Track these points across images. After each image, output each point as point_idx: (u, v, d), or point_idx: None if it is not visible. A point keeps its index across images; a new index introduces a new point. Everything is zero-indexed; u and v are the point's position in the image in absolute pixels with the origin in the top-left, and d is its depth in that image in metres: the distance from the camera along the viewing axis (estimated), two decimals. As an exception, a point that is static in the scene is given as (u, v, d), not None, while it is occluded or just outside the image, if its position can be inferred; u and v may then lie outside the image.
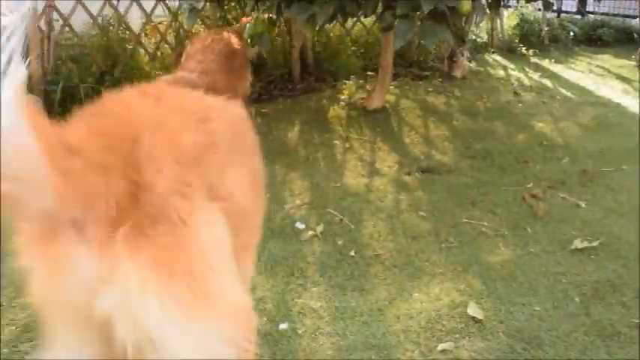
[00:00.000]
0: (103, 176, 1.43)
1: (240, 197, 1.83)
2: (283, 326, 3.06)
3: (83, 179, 1.40)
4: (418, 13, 4.53)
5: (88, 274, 1.41)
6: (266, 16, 5.71)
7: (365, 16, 5.86)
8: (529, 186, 4.62)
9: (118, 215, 1.43)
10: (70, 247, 1.42)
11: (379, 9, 5.04)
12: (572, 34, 10.48)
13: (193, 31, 6.88)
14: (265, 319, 3.10)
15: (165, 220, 1.46)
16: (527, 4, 9.38)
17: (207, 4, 6.15)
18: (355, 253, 3.70)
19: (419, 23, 4.55)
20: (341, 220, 4.08)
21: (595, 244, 3.80)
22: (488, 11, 5.75)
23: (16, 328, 3.05)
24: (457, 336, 3.00)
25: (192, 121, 1.77)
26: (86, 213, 1.42)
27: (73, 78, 5.91)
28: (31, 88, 5.75)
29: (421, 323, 3.08)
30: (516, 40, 9.91)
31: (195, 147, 1.65)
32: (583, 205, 4.35)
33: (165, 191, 1.49)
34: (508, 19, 10.13)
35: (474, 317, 3.11)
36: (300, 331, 3.03)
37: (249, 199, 1.95)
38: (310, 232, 3.88)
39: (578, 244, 3.79)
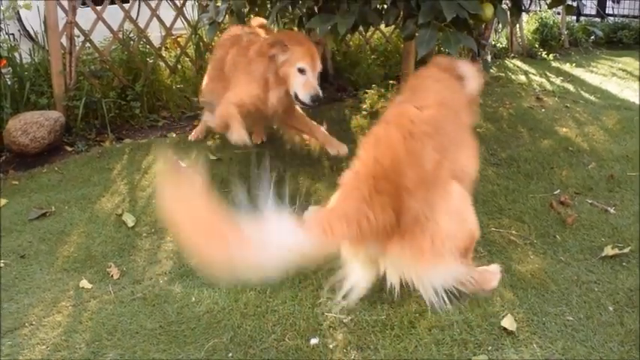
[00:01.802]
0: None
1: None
2: (314, 341, 3.04)
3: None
4: (439, 20, 4.49)
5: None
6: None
7: (386, 25, 5.83)
8: (556, 192, 4.58)
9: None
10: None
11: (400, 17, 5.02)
12: (593, 37, 10.40)
13: (213, 43, 6.90)
14: (296, 333, 3.09)
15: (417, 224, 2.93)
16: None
17: (227, 16, 6.14)
18: (383, 264, 3.66)
19: (440, 32, 4.51)
20: (368, 231, 4.04)
21: (626, 250, 3.75)
22: (509, 17, 5.69)
23: (47, 347, 3.05)
24: (490, 348, 2.97)
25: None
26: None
27: (94, 93, 5.94)
28: (53, 104, 5.78)
29: (453, 336, 3.05)
30: (536, 45, 9.86)
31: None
32: (612, 211, 4.30)
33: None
34: (527, 23, 10.08)
35: (506, 329, 3.07)
36: (331, 346, 3.01)
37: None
38: (337, 245, 3.85)
39: (609, 250, 3.74)
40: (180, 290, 3.48)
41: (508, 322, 3.11)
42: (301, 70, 4.57)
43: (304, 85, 4.58)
